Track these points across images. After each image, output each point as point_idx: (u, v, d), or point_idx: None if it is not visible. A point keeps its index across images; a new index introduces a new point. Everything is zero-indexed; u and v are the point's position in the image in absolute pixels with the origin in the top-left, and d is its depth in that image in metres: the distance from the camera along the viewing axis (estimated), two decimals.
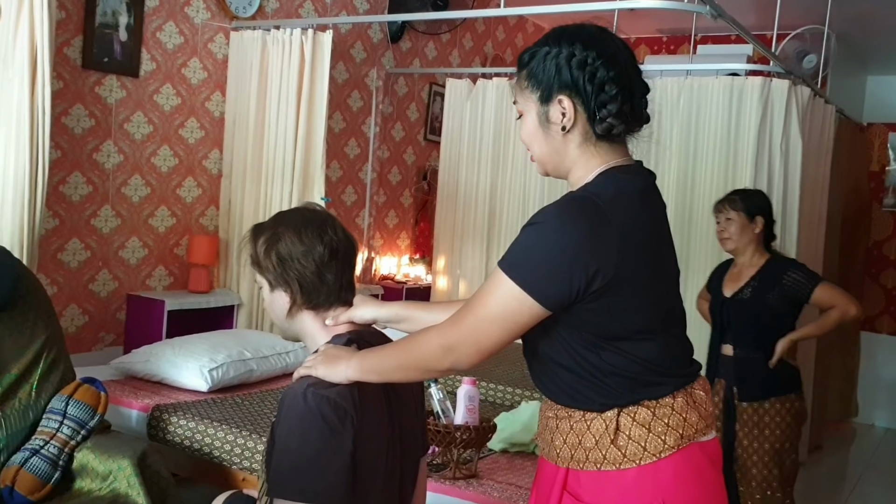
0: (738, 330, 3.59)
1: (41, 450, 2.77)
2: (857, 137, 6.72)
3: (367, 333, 1.91)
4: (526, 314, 1.53)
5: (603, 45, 1.61)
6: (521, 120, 1.68)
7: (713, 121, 4.81)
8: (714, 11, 3.65)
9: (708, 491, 1.62)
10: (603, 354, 1.57)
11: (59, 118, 4.03)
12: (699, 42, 7.32)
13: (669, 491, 1.56)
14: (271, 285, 1.90)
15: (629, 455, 1.57)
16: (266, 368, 3.87)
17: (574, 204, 1.55)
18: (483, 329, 1.56)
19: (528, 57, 1.66)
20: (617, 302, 1.54)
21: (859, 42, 6.79)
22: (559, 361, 1.62)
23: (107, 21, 4.19)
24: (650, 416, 1.58)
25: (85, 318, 4.28)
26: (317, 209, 1.97)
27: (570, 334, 1.59)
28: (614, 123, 1.60)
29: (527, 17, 7.56)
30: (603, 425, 1.59)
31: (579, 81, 1.58)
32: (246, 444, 3.07)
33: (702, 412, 1.63)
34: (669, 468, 1.57)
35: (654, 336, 1.60)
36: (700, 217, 4.86)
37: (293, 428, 1.67)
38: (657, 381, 1.60)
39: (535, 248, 1.52)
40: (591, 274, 1.50)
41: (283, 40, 4.64)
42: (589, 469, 1.60)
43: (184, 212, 4.73)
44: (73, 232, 4.19)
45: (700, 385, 1.67)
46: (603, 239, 1.50)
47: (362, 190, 6.01)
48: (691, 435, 1.59)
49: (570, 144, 1.63)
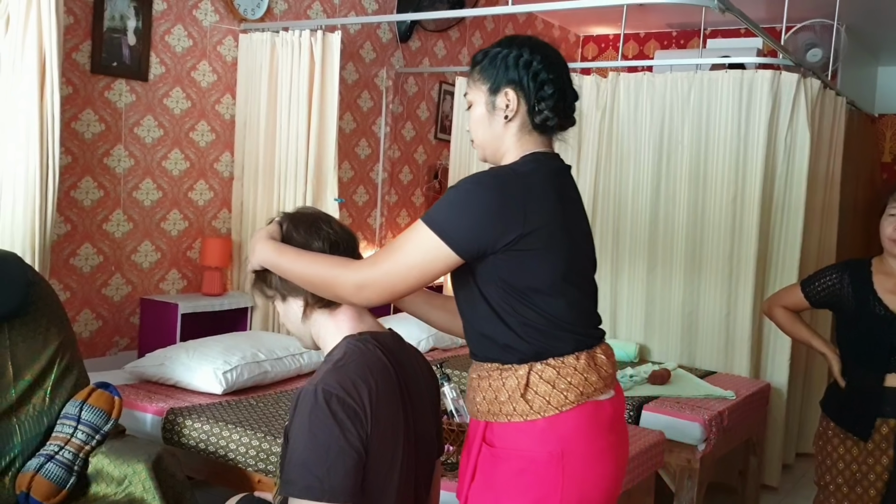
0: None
1: (56, 455, 2.77)
2: (868, 129, 6.69)
3: (381, 335, 1.91)
4: (441, 261, 1.75)
5: (546, 53, 1.88)
6: (471, 109, 1.93)
7: (723, 115, 4.80)
8: (722, 5, 3.63)
9: (602, 443, 1.82)
10: (516, 306, 1.77)
11: (69, 123, 4.04)
12: (709, 36, 7.29)
13: (569, 440, 1.78)
14: (282, 296, 1.92)
15: (535, 408, 1.78)
16: (280, 370, 3.87)
17: (492, 171, 1.81)
18: (399, 273, 1.76)
19: (481, 56, 1.92)
20: (527, 257, 1.75)
21: (870, 33, 6.75)
22: (480, 314, 1.83)
23: (115, 25, 4.20)
24: (555, 375, 1.78)
25: (98, 323, 4.30)
26: (308, 210, 2.00)
27: (487, 288, 1.79)
28: (549, 116, 1.87)
29: (536, 14, 7.55)
30: (515, 382, 1.79)
31: (524, 78, 1.85)
32: (261, 446, 3.07)
33: (601, 374, 1.83)
34: (569, 421, 1.78)
35: (562, 293, 1.80)
36: (712, 211, 4.85)
37: (303, 425, 1.68)
38: (563, 336, 1.80)
39: (453, 204, 1.76)
40: (502, 229, 1.72)
41: (292, 42, 4.64)
42: (501, 421, 1.81)
43: (196, 215, 4.74)
44: (85, 237, 4.20)
45: (602, 350, 1.87)
46: (514, 200, 1.74)
47: (374, 190, 6.01)
48: (590, 393, 1.81)
49: (508, 132, 1.89)
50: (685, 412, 3.85)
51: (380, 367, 1.80)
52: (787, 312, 3.19)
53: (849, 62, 6.70)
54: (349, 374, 1.74)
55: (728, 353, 4.83)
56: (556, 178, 1.87)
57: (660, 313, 5.03)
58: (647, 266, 5.07)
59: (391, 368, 1.83)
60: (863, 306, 2.91)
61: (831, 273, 3.04)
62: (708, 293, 4.89)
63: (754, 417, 4.41)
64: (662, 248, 5.02)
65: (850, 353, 3.00)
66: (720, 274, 4.82)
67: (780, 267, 4.77)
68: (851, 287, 2.95)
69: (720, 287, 4.83)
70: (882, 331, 2.87)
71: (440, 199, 1.80)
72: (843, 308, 2.99)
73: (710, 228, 4.86)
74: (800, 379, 5.06)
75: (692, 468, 3.79)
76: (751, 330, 4.74)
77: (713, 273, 4.86)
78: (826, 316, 3.02)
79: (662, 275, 5.02)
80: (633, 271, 5.12)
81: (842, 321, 3.04)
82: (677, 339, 4.98)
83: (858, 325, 2.94)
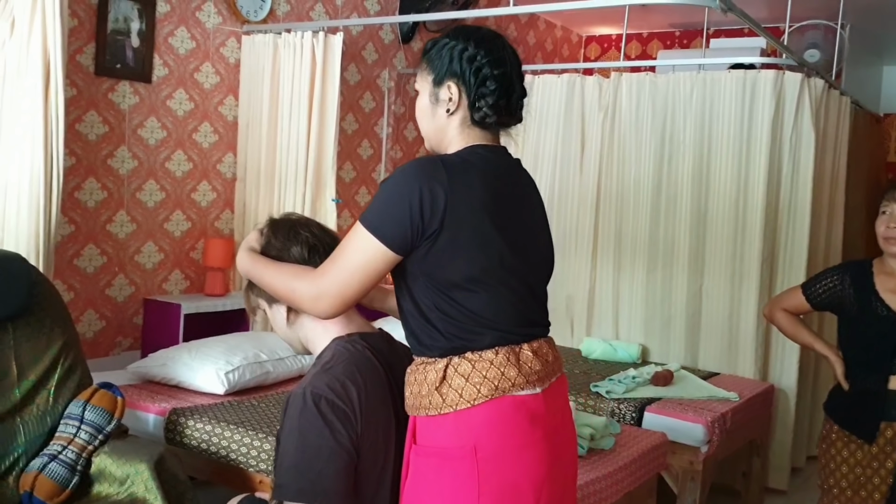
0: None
1: (59, 455, 2.78)
2: (873, 129, 6.67)
3: (371, 336, 1.92)
4: (380, 260, 1.73)
5: (492, 47, 1.84)
6: (417, 98, 1.92)
7: (726, 115, 4.80)
8: (724, 5, 3.63)
9: (518, 440, 1.75)
10: (437, 301, 1.75)
11: (73, 125, 4.05)
12: (712, 36, 7.29)
13: (481, 435, 1.72)
14: (268, 303, 1.94)
15: (448, 402, 1.74)
16: (282, 370, 3.87)
17: (418, 161, 1.77)
18: (345, 279, 1.74)
19: (430, 45, 1.90)
20: (448, 250, 1.72)
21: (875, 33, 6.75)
22: (405, 307, 1.82)
23: (119, 27, 4.21)
24: (470, 368, 1.74)
25: (102, 324, 4.31)
26: (291, 215, 2.02)
27: (410, 282, 1.78)
28: (489, 113, 1.82)
29: (538, 15, 7.55)
30: (434, 375, 1.76)
31: (466, 73, 1.82)
32: (262, 447, 3.08)
33: (524, 370, 1.77)
34: (481, 415, 1.73)
35: (483, 289, 1.75)
36: (715, 211, 4.85)
37: (293, 428, 1.69)
38: (480, 332, 1.75)
39: (381, 199, 1.76)
40: (426, 219, 1.70)
41: (294, 43, 4.65)
42: (421, 415, 1.79)
43: (199, 216, 4.75)
44: (88, 238, 4.21)
45: (531, 347, 1.81)
46: (438, 190, 1.70)
47: (376, 190, 6.00)
48: (507, 388, 1.74)
49: (451, 125, 1.86)
50: (688, 414, 3.85)
51: (369, 367, 1.81)
52: (789, 316, 3.18)
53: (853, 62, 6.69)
54: (338, 375, 1.75)
55: (731, 355, 4.82)
56: (493, 172, 1.81)
57: (662, 314, 5.03)
58: (649, 267, 5.07)
59: (381, 369, 1.84)
60: (865, 307, 2.90)
61: (832, 275, 3.03)
62: (711, 294, 4.89)
63: (758, 419, 4.41)
64: (665, 249, 5.02)
65: (853, 355, 2.99)
66: (723, 274, 4.82)
67: (788, 268, 4.75)
68: (853, 288, 2.94)
69: (723, 288, 4.82)
70: (885, 331, 2.85)
71: (375, 195, 1.79)
72: (845, 309, 2.98)
73: (713, 229, 4.86)
74: (809, 381, 5.03)
75: (695, 470, 3.79)
76: (755, 331, 4.73)
77: (716, 274, 4.86)
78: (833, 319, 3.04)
79: (665, 275, 5.02)
80: (635, 272, 5.12)
81: (844, 323, 3.03)
82: (680, 341, 4.97)
83: (861, 327, 2.92)
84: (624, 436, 3.40)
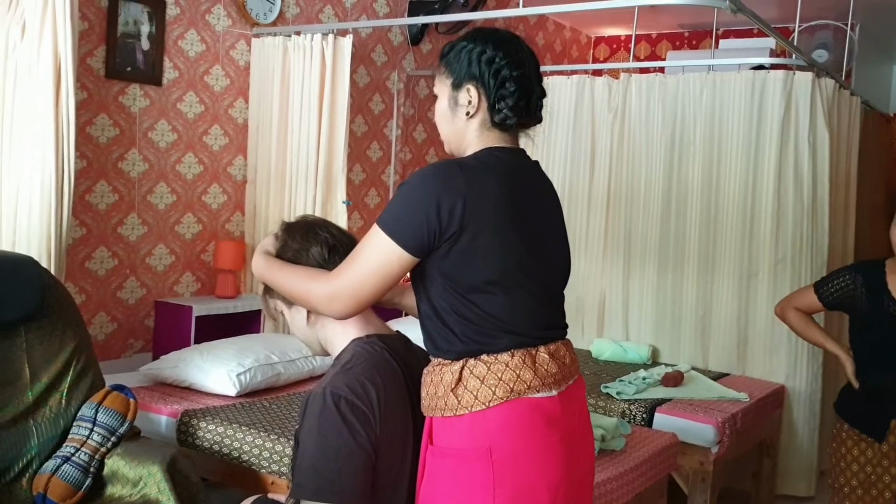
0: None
1: (72, 457, 2.79)
2: (883, 129, 6.65)
3: (389, 338, 1.92)
4: (396, 262, 1.73)
5: (510, 49, 1.84)
6: (437, 102, 1.92)
7: (736, 115, 4.79)
8: (734, 6, 3.62)
9: (534, 442, 1.75)
10: (454, 304, 1.76)
11: (84, 128, 4.07)
12: (721, 36, 7.27)
13: (496, 437, 1.73)
14: (287, 304, 1.94)
15: (463, 403, 1.75)
16: (293, 372, 3.88)
17: (435, 165, 1.78)
18: (360, 280, 1.75)
19: (448, 49, 1.90)
20: (468, 252, 1.72)
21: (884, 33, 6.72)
22: (422, 309, 1.83)
23: (129, 30, 4.23)
24: (485, 370, 1.75)
25: (113, 326, 4.33)
26: (307, 217, 2.02)
27: (429, 284, 1.78)
28: (509, 115, 1.82)
29: (547, 16, 7.54)
30: (450, 377, 1.77)
31: (485, 75, 1.82)
32: (274, 448, 3.08)
33: (540, 372, 1.77)
34: (496, 417, 1.73)
35: (503, 292, 1.75)
36: (725, 212, 4.84)
37: (312, 428, 1.70)
38: (496, 335, 1.75)
39: (399, 202, 1.75)
40: (443, 224, 1.70)
41: (303, 46, 4.66)
42: (437, 416, 1.79)
43: (210, 218, 4.77)
44: (100, 240, 4.23)
45: (548, 349, 1.81)
46: (456, 196, 1.70)
47: (385, 192, 6.03)
48: (522, 390, 1.75)
49: (470, 127, 1.86)
50: (698, 414, 3.84)
51: (388, 368, 1.81)
52: (800, 314, 3.19)
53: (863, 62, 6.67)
54: (357, 376, 1.75)
55: (741, 355, 4.81)
56: (511, 175, 1.81)
57: (673, 315, 5.02)
58: (660, 267, 5.05)
59: (399, 370, 1.84)
60: (877, 307, 2.91)
61: (845, 274, 3.04)
62: (721, 295, 4.87)
63: (768, 420, 4.40)
64: (675, 250, 5.00)
65: (864, 355, 3.00)
66: (734, 275, 4.80)
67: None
68: (865, 288, 2.95)
69: (734, 288, 4.81)
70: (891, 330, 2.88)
71: (392, 197, 1.79)
72: (857, 309, 2.99)
73: (723, 229, 4.84)
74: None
75: (705, 471, 3.78)
76: (766, 332, 4.70)
77: (726, 274, 4.84)
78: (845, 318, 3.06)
79: (675, 276, 5.00)
80: (645, 273, 5.11)
81: (856, 322, 3.04)
82: (690, 341, 4.96)
83: (873, 326, 2.94)
84: (634, 436, 3.40)
